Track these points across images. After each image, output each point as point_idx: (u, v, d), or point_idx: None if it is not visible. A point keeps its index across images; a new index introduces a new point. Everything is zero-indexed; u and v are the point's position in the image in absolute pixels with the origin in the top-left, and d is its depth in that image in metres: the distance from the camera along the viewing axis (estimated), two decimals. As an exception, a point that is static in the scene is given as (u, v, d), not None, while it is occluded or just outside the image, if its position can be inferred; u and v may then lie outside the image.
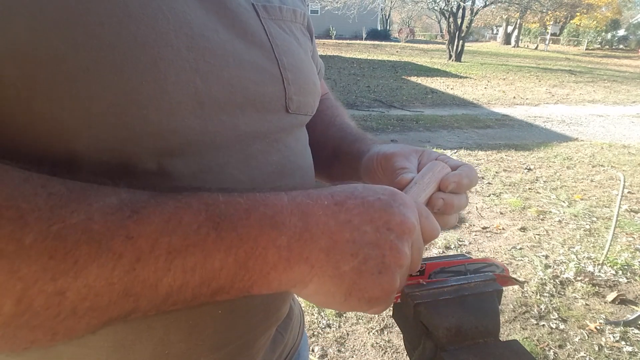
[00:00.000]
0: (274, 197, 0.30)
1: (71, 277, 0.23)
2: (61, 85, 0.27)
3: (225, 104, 0.36)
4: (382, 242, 0.30)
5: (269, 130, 0.41)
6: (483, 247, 2.67)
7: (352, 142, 0.56)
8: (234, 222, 0.28)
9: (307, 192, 0.32)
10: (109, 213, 0.25)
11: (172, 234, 0.26)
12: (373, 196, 0.32)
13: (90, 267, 0.24)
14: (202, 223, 0.27)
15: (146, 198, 0.27)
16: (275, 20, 0.44)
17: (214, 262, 0.27)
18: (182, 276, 0.26)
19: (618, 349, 1.83)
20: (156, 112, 0.31)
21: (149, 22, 0.30)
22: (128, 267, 0.25)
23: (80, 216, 0.24)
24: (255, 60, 0.39)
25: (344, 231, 0.30)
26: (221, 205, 0.28)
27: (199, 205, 0.28)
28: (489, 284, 0.42)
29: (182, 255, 0.26)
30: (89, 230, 0.24)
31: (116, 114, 0.29)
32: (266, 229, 0.28)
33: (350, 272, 0.30)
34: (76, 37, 0.27)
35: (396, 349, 1.79)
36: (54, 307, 0.23)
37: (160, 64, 0.31)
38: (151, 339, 0.37)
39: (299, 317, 0.60)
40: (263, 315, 0.45)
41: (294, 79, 0.43)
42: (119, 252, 0.25)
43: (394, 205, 0.32)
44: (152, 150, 0.32)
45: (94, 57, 0.28)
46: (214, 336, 0.40)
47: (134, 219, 0.25)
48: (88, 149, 0.29)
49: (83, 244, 0.24)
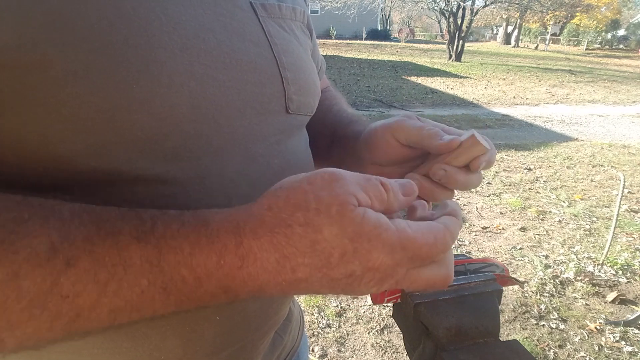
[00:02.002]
0: (229, 268, 0.27)
1: (7, 331, 0.23)
2: (48, 89, 0.26)
3: (222, 107, 0.35)
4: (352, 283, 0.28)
5: (268, 132, 0.40)
6: (483, 247, 2.66)
7: (347, 125, 0.53)
8: (182, 290, 0.27)
9: (265, 265, 0.27)
10: (37, 265, 0.23)
11: (112, 296, 0.25)
12: (344, 275, 0.27)
13: (26, 323, 0.23)
14: (146, 288, 0.26)
15: (80, 242, 0.25)
16: (274, 18, 0.42)
17: (164, 312, 0.28)
18: (127, 321, 0.27)
19: (618, 349, 1.83)
20: (148, 116, 0.30)
21: (141, 24, 0.30)
22: (67, 323, 0.24)
23: (5, 270, 0.22)
24: (253, 60, 0.38)
25: (312, 286, 0.28)
26: (165, 269, 0.26)
27: (141, 266, 0.25)
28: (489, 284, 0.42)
29: (127, 312, 0.26)
30: (17, 287, 0.23)
31: (105, 118, 0.28)
32: (220, 297, 0.28)
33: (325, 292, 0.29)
34: (64, 41, 0.26)
35: (396, 349, 1.79)
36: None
37: (152, 67, 0.30)
38: (147, 345, 0.37)
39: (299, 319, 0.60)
40: (261, 319, 0.44)
41: (294, 78, 0.42)
42: (56, 311, 0.24)
43: (363, 282, 0.28)
44: (145, 155, 0.31)
45: (82, 61, 0.27)
46: (212, 341, 0.40)
47: (68, 274, 0.24)
48: (76, 154, 0.28)
49: (13, 303, 0.23)
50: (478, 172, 0.39)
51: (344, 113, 0.57)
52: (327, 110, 0.59)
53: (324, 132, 0.56)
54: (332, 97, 0.63)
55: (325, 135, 0.56)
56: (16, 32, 0.25)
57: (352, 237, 0.26)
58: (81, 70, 0.27)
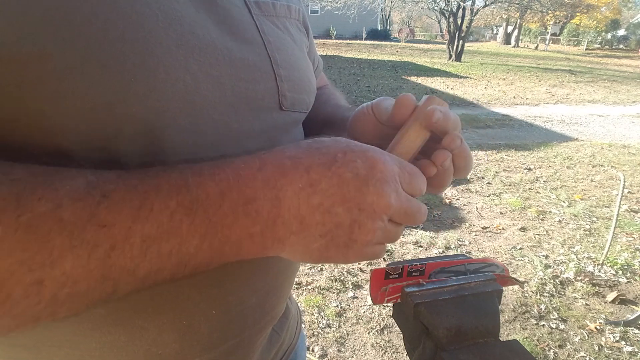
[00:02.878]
0: (246, 177, 0.30)
1: (48, 267, 0.23)
2: (47, 82, 0.27)
3: (216, 103, 0.35)
4: (351, 223, 0.31)
5: (262, 129, 0.40)
6: (483, 247, 2.67)
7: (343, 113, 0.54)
8: (207, 209, 0.28)
9: (282, 167, 0.30)
10: (77, 199, 0.25)
11: (144, 221, 0.26)
12: (351, 171, 0.31)
13: (66, 257, 0.24)
14: (175, 210, 0.27)
15: (114, 178, 0.27)
16: (268, 16, 0.43)
17: (189, 248, 0.28)
18: (158, 261, 0.27)
19: (618, 349, 1.83)
20: (145, 109, 0.31)
21: (137, 19, 0.30)
22: (104, 255, 0.25)
23: (48, 204, 0.24)
24: (246, 58, 0.38)
25: (315, 214, 0.30)
26: (192, 188, 0.28)
27: (169, 189, 0.27)
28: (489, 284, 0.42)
29: (156, 242, 0.26)
30: (60, 219, 0.24)
31: (104, 111, 0.29)
32: (240, 217, 0.29)
33: (319, 249, 0.32)
34: (63, 35, 0.27)
35: (396, 349, 1.79)
36: (33, 296, 0.24)
37: (149, 61, 0.30)
38: (144, 339, 0.37)
39: (296, 317, 0.60)
40: (258, 314, 0.45)
41: (288, 75, 0.43)
42: (94, 242, 0.25)
43: (370, 183, 0.31)
44: (143, 148, 0.32)
45: (80, 55, 0.27)
46: (209, 336, 0.40)
47: (105, 204, 0.25)
48: (75, 145, 0.29)
49: (55, 235, 0.24)
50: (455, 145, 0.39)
51: (339, 105, 0.58)
52: (323, 104, 0.60)
53: (316, 120, 0.57)
54: (329, 93, 0.63)
55: (318, 123, 0.57)
56: (14, 27, 0.26)
57: (347, 142, 0.33)
58: (79, 64, 0.27)
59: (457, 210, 3.17)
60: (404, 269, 0.42)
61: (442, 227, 2.89)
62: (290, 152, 0.32)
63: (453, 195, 3.42)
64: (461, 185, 3.63)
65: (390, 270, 0.41)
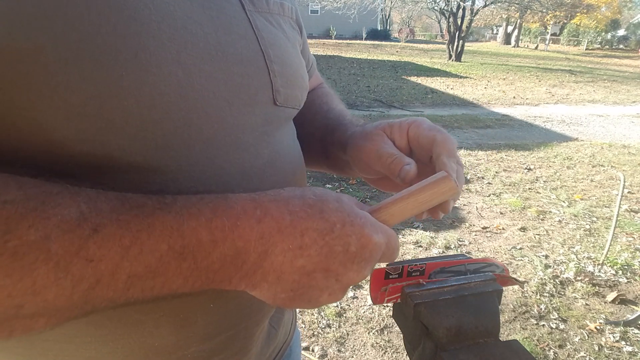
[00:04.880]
0: (243, 228, 0.30)
1: (29, 295, 0.23)
2: (40, 76, 0.27)
3: (210, 97, 0.36)
4: (324, 288, 0.33)
5: (257, 123, 0.41)
6: (483, 247, 2.66)
7: (333, 132, 0.54)
8: (196, 255, 0.29)
9: (281, 221, 0.31)
10: (67, 230, 0.24)
11: (133, 260, 0.26)
12: (343, 245, 0.32)
13: (49, 288, 0.24)
14: (164, 253, 0.27)
15: (107, 212, 0.26)
16: (261, 13, 0.43)
17: (171, 285, 0.29)
18: (140, 294, 0.28)
19: (618, 349, 1.83)
20: (137, 103, 0.31)
21: (130, 13, 0.30)
22: (87, 288, 0.25)
23: (38, 233, 0.23)
24: (239, 53, 0.39)
25: (294, 274, 0.32)
26: (185, 234, 0.28)
27: (162, 231, 0.27)
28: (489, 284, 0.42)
29: (141, 279, 0.27)
30: (47, 250, 0.24)
31: (96, 105, 0.29)
32: (226, 265, 0.30)
33: (284, 299, 0.33)
34: (55, 28, 0.27)
35: (396, 349, 1.79)
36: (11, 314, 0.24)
37: (141, 55, 0.30)
38: (140, 332, 0.37)
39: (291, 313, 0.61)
40: (255, 306, 0.45)
41: (281, 71, 0.43)
42: (79, 275, 0.25)
43: (356, 262, 0.33)
44: (136, 142, 0.32)
45: (73, 48, 0.27)
46: (205, 328, 0.41)
47: (94, 239, 0.25)
48: (68, 139, 0.29)
49: (41, 265, 0.23)
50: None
51: (331, 113, 0.58)
52: (317, 111, 0.60)
53: (315, 135, 0.57)
54: (323, 95, 0.64)
55: (317, 139, 0.57)
56: (7, 20, 0.26)
57: (349, 211, 0.33)
58: (71, 58, 0.27)
59: (457, 210, 3.17)
60: (404, 269, 0.42)
61: (442, 227, 2.89)
62: (293, 207, 0.32)
63: (453, 195, 3.42)
64: (461, 185, 3.63)
65: (390, 270, 0.41)
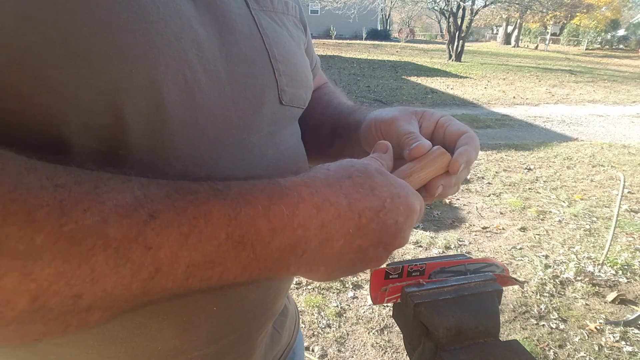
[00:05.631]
0: (302, 217, 0.29)
1: (88, 284, 0.23)
2: (50, 71, 0.27)
3: (216, 97, 0.35)
4: (374, 258, 0.34)
5: (262, 123, 0.40)
6: (483, 247, 2.66)
7: (348, 115, 0.54)
8: (255, 245, 0.28)
9: (339, 207, 0.31)
10: (124, 215, 0.23)
11: (192, 249, 0.25)
12: (393, 218, 0.33)
13: (108, 275, 0.23)
14: (223, 241, 0.26)
15: (162, 197, 0.26)
16: (266, 11, 0.43)
17: (229, 275, 0.28)
18: (198, 284, 0.27)
19: (618, 349, 1.83)
20: (146, 101, 0.30)
21: (139, 10, 0.30)
22: (147, 277, 0.24)
23: (94, 217, 0.22)
24: (244, 52, 0.38)
25: (351, 253, 0.32)
26: (243, 222, 0.27)
27: (220, 219, 0.26)
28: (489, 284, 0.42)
29: (200, 269, 0.26)
30: (105, 235, 0.23)
31: (105, 101, 0.29)
32: (285, 255, 0.29)
33: (335, 275, 0.34)
34: (65, 24, 0.27)
35: (396, 349, 1.79)
36: (69, 305, 0.23)
37: (150, 53, 0.30)
38: (144, 335, 0.37)
39: (294, 316, 0.61)
40: (259, 310, 0.45)
41: (286, 70, 0.43)
42: (138, 263, 0.24)
43: (404, 229, 0.34)
44: (143, 141, 0.31)
45: (83, 44, 0.27)
46: (208, 331, 0.40)
47: (152, 225, 0.24)
48: (77, 135, 0.29)
49: (99, 251, 0.22)
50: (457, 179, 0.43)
51: (344, 105, 0.58)
52: (327, 104, 0.59)
53: (325, 124, 0.57)
54: (331, 92, 0.63)
55: (327, 127, 0.56)
56: (17, 13, 0.26)
57: (393, 182, 0.34)
58: (82, 53, 0.27)
59: (457, 210, 3.17)
60: (404, 269, 0.42)
61: (442, 227, 2.89)
62: (346, 189, 0.32)
63: (453, 195, 3.42)
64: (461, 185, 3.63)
65: (390, 270, 0.41)
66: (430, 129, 0.46)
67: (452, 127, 0.44)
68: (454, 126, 0.44)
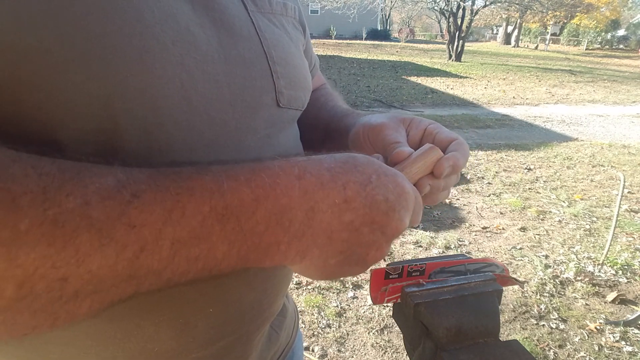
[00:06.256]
0: (284, 185, 0.29)
1: (73, 265, 0.23)
2: (47, 75, 0.27)
3: (213, 100, 0.35)
4: (371, 243, 0.32)
5: (260, 126, 0.40)
6: (483, 247, 2.66)
7: (340, 119, 0.54)
8: (239, 216, 0.27)
9: (320, 180, 0.30)
10: (106, 197, 0.24)
11: (175, 224, 0.25)
12: (382, 194, 0.32)
13: (93, 255, 0.23)
14: (207, 215, 0.26)
15: (144, 179, 0.26)
16: (264, 13, 0.43)
17: (216, 253, 0.27)
18: (185, 265, 0.27)
19: (618, 349, 1.83)
20: (141, 105, 0.30)
21: (134, 15, 0.30)
22: (132, 256, 0.24)
23: (76, 200, 0.23)
24: (242, 55, 0.38)
25: (343, 231, 0.31)
26: (226, 194, 0.27)
27: (202, 193, 0.27)
28: (489, 284, 0.42)
29: (186, 246, 0.26)
30: (88, 216, 0.23)
31: (101, 106, 0.29)
32: (271, 226, 0.29)
33: (334, 265, 0.32)
34: (62, 28, 0.27)
35: (396, 349, 1.79)
36: (55, 290, 0.23)
37: (146, 57, 0.30)
38: (141, 337, 0.37)
39: (293, 316, 0.60)
40: (256, 311, 0.45)
41: (284, 72, 0.43)
42: (123, 242, 0.24)
43: (397, 209, 0.32)
44: (140, 145, 0.32)
45: (79, 48, 0.27)
46: (205, 333, 0.40)
47: (135, 204, 0.24)
48: (72, 140, 0.29)
49: (83, 232, 0.23)
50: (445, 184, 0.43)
51: (338, 108, 0.58)
52: (322, 107, 0.59)
53: (318, 126, 0.57)
54: (327, 94, 0.63)
55: (319, 129, 0.56)
56: (14, 18, 0.26)
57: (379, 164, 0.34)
58: (78, 58, 0.27)
59: (457, 210, 3.17)
60: (404, 269, 0.42)
61: (442, 227, 2.89)
62: (328, 164, 0.32)
63: (453, 195, 3.42)
64: (461, 185, 3.63)
65: (390, 270, 0.41)
66: (418, 137, 0.46)
67: (441, 134, 0.45)
68: (443, 133, 0.45)
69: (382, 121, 0.46)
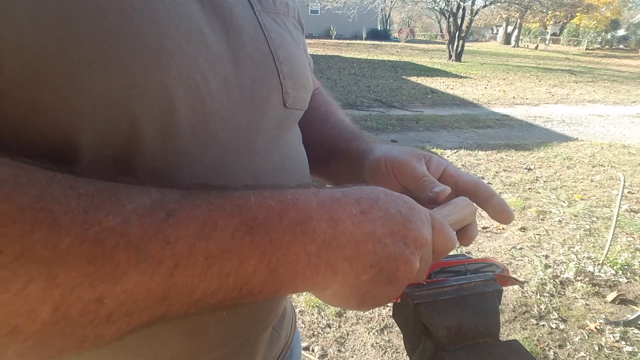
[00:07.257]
0: (304, 199, 0.30)
1: (110, 284, 0.23)
2: (64, 77, 0.26)
3: (224, 100, 0.35)
4: (398, 256, 0.32)
5: (268, 127, 0.40)
6: (483, 247, 2.66)
7: (350, 140, 0.55)
8: (267, 227, 0.28)
9: (334, 196, 0.32)
10: (143, 215, 0.24)
11: (208, 239, 0.26)
12: (394, 208, 0.33)
13: (130, 273, 0.23)
14: (237, 227, 0.27)
15: (177, 199, 0.26)
16: (269, 13, 0.43)
17: (247, 267, 0.27)
18: (217, 282, 0.26)
19: (618, 349, 1.83)
20: (159, 106, 0.30)
21: (150, 14, 0.30)
22: (167, 273, 0.24)
23: (116, 219, 0.23)
24: (251, 55, 0.38)
25: (367, 242, 0.31)
26: (254, 207, 0.28)
27: (232, 208, 0.27)
28: (489, 284, 0.42)
29: (218, 261, 0.26)
30: (127, 234, 0.23)
31: (119, 108, 0.29)
32: (298, 235, 0.29)
33: (367, 282, 0.32)
34: (79, 29, 0.26)
35: (396, 349, 1.79)
36: (90, 313, 0.23)
37: (163, 58, 0.30)
38: (154, 343, 0.37)
39: (291, 314, 0.61)
40: (264, 312, 0.45)
41: (289, 72, 0.43)
42: (159, 258, 0.24)
43: (412, 220, 0.33)
44: (156, 147, 0.31)
45: (97, 49, 0.27)
46: (217, 336, 0.40)
47: (169, 222, 0.25)
48: (90, 143, 0.29)
49: (122, 249, 0.23)
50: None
51: (343, 125, 0.59)
52: (325, 120, 0.60)
53: (322, 142, 0.57)
54: (327, 103, 0.63)
55: (324, 146, 0.57)
56: (30, 17, 0.25)
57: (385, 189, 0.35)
58: (96, 58, 0.27)
59: (457, 210, 3.17)
60: (404, 269, 0.42)
61: (442, 227, 2.89)
62: (336, 188, 0.33)
63: (453, 195, 3.42)
64: (461, 185, 3.63)
65: (390, 270, 0.41)
66: (437, 176, 0.47)
67: (463, 177, 0.47)
68: (465, 176, 0.47)
69: (407, 156, 0.48)
